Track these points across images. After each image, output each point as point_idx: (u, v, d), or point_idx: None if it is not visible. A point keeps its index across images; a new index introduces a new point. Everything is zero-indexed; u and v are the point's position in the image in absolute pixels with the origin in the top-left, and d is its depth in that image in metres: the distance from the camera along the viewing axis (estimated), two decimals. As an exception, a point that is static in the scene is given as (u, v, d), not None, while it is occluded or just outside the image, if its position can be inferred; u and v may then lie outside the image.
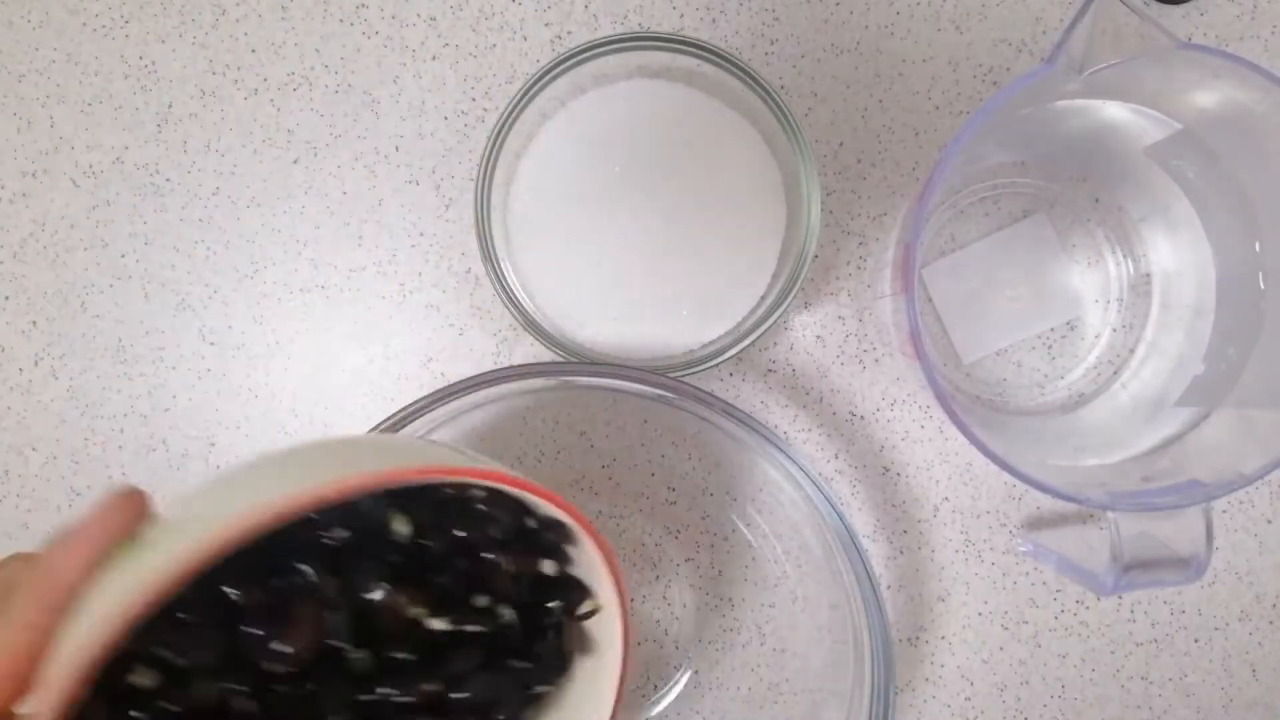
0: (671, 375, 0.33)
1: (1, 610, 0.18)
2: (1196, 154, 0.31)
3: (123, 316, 0.40)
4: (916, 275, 0.32)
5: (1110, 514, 0.28)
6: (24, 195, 0.40)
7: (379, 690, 0.23)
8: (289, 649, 0.21)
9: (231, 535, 0.18)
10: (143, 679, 0.20)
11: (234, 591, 0.21)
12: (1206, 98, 0.29)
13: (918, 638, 0.39)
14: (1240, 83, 0.27)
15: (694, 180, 0.36)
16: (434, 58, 0.39)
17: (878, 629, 0.32)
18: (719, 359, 0.35)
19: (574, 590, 0.26)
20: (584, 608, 0.26)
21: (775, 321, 0.35)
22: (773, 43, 0.38)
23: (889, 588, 0.39)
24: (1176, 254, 0.35)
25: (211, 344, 0.40)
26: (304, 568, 0.22)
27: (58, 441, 0.40)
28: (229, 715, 0.21)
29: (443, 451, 0.24)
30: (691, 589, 0.39)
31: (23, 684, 0.18)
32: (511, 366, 0.32)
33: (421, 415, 0.32)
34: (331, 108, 0.39)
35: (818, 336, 0.39)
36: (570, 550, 0.26)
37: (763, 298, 0.36)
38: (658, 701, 0.39)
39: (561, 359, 0.36)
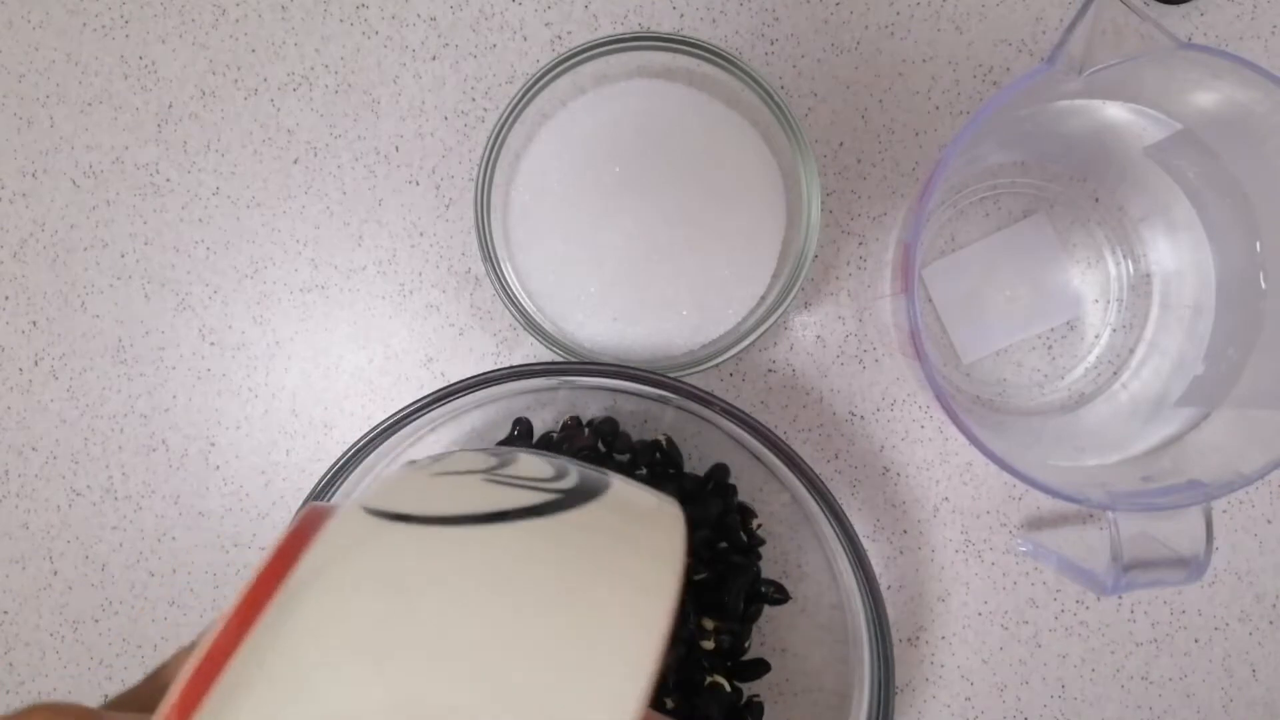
0: (671, 375, 0.33)
1: None
2: (1196, 154, 0.31)
3: (123, 316, 0.40)
4: (916, 275, 0.32)
5: (1110, 514, 0.28)
6: (24, 195, 0.40)
7: None
8: None
9: None
10: None
11: None
12: (1206, 98, 0.29)
13: (918, 638, 0.39)
14: (1240, 83, 0.27)
15: (694, 180, 0.36)
16: (434, 58, 0.39)
17: (877, 629, 0.32)
18: (719, 359, 0.35)
19: None
20: None
21: (775, 321, 0.35)
22: (773, 43, 0.38)
23: (889, 588, 0.39)
24: (1176, 254, 0.35)
25: (211, 344, 0.40)
26: None
27: (58, 441, 0.40)
28: None
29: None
30: (691, 589, 0.39)
31: None
32: (511, 366, 0.32)
33: (421, 415, 0.32)
34: (331, 108, 0.39)
35: (818, 336, 0.39)
36: None
37: (763, 298, 0.36)
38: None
39: (561, 359, 0.36)
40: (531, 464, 0.23)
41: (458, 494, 0.21)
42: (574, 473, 0.23)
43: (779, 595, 0.37)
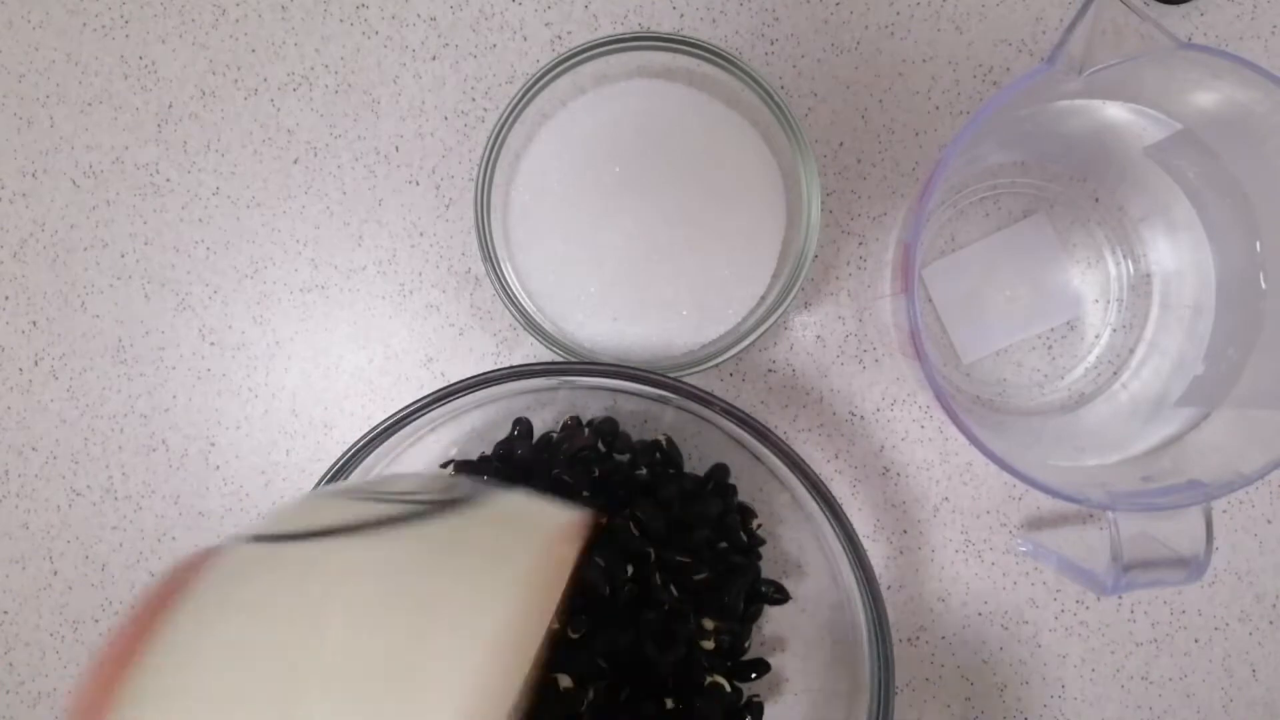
0: (671, 375, 0.33)
1: None
2: (1196, 154, 0.31)
3: (123, 316, 0.40)
4: (916, 275, 0.32)
5: (1110, 514, 0.28)
6: (24, 195, 0.40)
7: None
8: None
9: None
10: None
11: None
12: (1206, 98, 0.29)
13: (918, 638, 0.39)
14: (1240, 83, 0.27)
15: (694, 180, 0.36)
16: (434, 58, 0.39)
17: (877, 629, 0.32)
18: (719, 359, 0.35)
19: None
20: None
21: (775, 321, 0.35)
22: (773, 43, 0.38)
23: (889, 588, 0.39)
24: (1176, 254, 0.35)
25: (211, 344, 0.40)
26: None
27: (58, 441, 0.40)
28: None
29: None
30: (691, 589, 0.39)
31: None
32: (511, 366, 0.32)
33: (421, 415, 0.32)
34: (331, 108, 0.39)
35: (818, 336, 0.39)
36: None
37: (763, 298, 0.36)
38: (658, 701, 0.39)
39: (561, 359, 0.36)
40: (418, 480, 0.23)
41: (318, 511, 0.21)
42: (461, 486, 0.23)
43: (779, 595, 0.37)
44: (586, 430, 0.36)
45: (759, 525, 0.36)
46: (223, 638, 0.18)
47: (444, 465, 0.37)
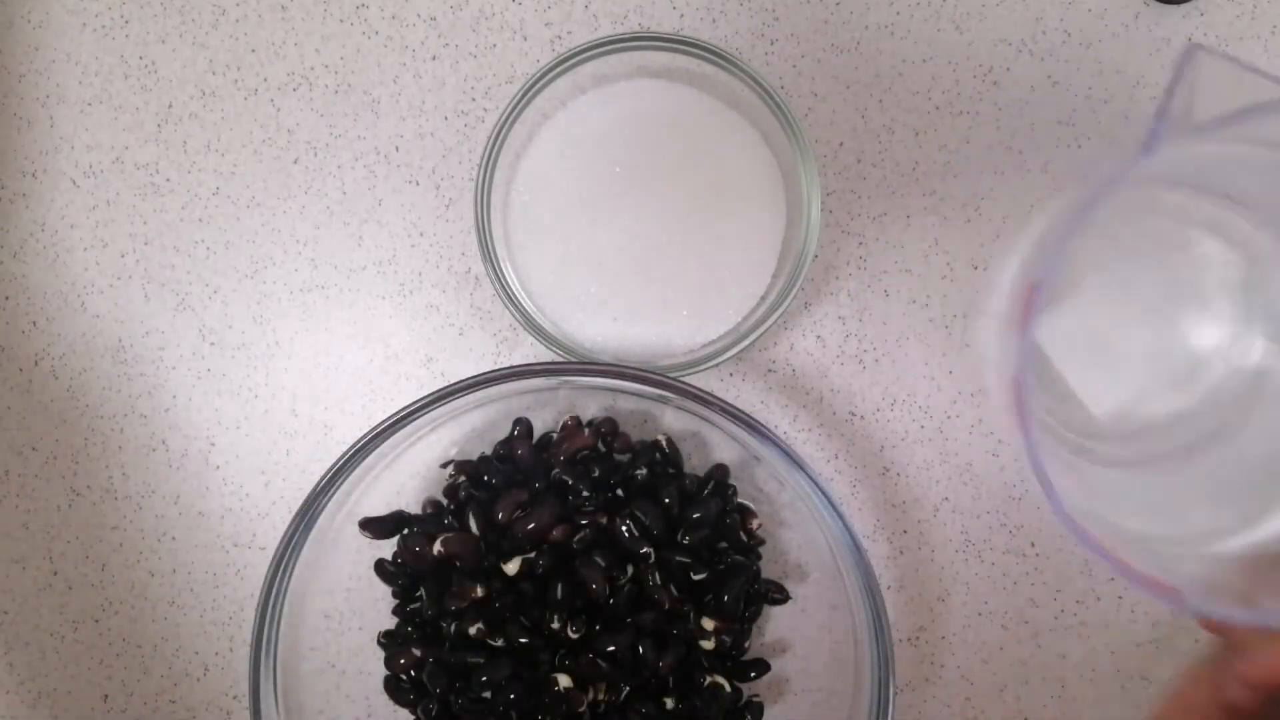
0: (671, 375, 0.33)
1: None
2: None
3: (123, 316, 0.40)
4: (1036, 319, 0.24)
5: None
6: (24, 195, 0.40)
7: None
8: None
9: None
10: None
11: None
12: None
13: (918, 638, 0.39)
14: None
15: (694, 180, 0.36)
16: (434, 58, 0.39)
17: (877, 629, 0.32)
18: (719, 359, 0.35)
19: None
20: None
21: (775, 321, 0.35)
22: (773, 43, 0.38)
23: (889, 588, 0.39)
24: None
25: (211, 344, 0.40)
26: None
27: (58, 441, 0.40)
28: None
29: None
30: (691, 589, 0.39)
31: None
32: (511, 366, 0.32)
33: (421, 415, 0.32)
34: (331, 108, 0.39)
35: (818, 336, 0.39)
36: None
37: (763, 298, 0.36)
38: (658, 701, 0.39)
39: (561, 359, 0.36)
40: None
41: None
42: None
43: (779, 595, 0.37)
44: (586, 430, 0.36)
45: (759, 525, 0.36)
46: None
47: (444, 465, 0.37)
